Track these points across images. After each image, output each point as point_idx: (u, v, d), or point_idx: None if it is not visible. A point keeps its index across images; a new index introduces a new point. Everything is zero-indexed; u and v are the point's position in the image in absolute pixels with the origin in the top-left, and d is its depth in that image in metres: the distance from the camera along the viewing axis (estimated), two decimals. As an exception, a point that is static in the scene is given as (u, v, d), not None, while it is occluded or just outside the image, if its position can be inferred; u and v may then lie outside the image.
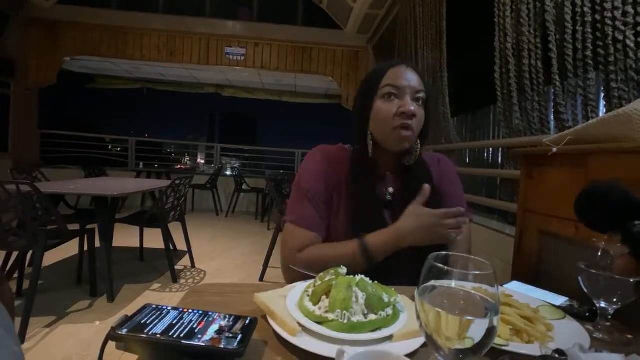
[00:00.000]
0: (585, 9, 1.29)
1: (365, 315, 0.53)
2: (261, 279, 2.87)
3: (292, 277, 0.79)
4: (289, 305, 0.55)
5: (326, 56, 5.56)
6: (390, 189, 0.88)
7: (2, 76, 4.82)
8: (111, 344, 0.44)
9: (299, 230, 0.83)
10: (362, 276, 0.59)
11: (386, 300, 0.55)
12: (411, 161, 0.86)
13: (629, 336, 0.58)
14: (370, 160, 0.85)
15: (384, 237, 0.78)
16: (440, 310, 0.34)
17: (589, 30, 1.28)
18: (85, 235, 2.37)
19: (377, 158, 0.86)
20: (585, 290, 0.59)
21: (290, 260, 0.81)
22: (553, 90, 1.45)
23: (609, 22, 1.20)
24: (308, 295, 0.58)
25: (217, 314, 0.51)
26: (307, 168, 0.89)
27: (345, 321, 0.51)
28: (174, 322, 0.47)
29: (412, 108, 0.79)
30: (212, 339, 0.44)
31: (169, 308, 0.51)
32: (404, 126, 0.80)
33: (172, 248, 2.98)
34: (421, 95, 0.82)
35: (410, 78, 0.81)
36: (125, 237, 3.33)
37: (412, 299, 0.58)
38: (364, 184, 0.85)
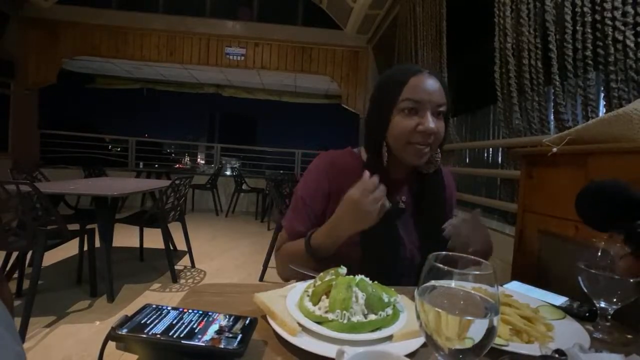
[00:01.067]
0: (585, 9, 1.29)
1: (365, 315, 0.53)
2: (261, 279, 2.87)
3: (283, 270, 0.88)
4: (288, 305, 0.55)
5: (326, 56, 5.57)
6: (404, 197, 0.87)
7: (2, 76, 4.81)
8: (111, 344, 0.44)
9: (285, 236, 0.89)
10: (362, 276, 0.59)
11: (386, 300, 0.55)
12: (431, 169, 0.85)
13: (629, 336, 0.58)
14: (383, 170, 0.80)
15: (322, 229, 0.77)
16: (440, 310, 0.34)
17: (589, 30, 1.28)
18: (85, 235, 2.37)
19: (391, 167, 0.83)
20: (585, 290, 0.58)
21: (276, 258, 0.90)
22: (553, 90, 1.45)
23: (608, 22, 1.20)
24: (308, 295, 0.58)
25: (217, 314, 0.51)
26: (308, 176, 0.89)
27: (345, 321, 0.51)
28: (174, 322, 0.47)
29: (432, 126, 0.74)
30: (212, 339, 0.44)
31: (169, 308, 0.51)
32: (421, 144, 0.76)
33: (172, 248, 2.98)
34: (442, 108, 0.77)
35: (432, 91, 0.76)
36: (125, 237, 3.33)
37: (412, 299, 0.58)
38: None
